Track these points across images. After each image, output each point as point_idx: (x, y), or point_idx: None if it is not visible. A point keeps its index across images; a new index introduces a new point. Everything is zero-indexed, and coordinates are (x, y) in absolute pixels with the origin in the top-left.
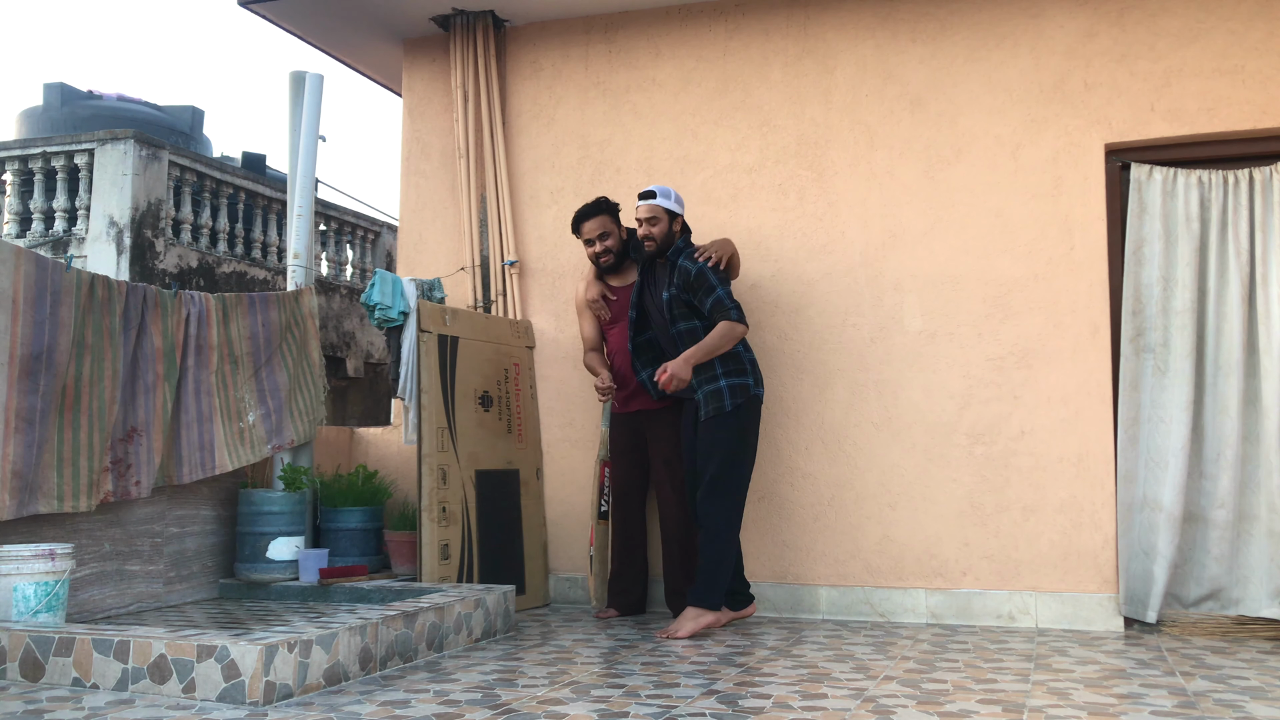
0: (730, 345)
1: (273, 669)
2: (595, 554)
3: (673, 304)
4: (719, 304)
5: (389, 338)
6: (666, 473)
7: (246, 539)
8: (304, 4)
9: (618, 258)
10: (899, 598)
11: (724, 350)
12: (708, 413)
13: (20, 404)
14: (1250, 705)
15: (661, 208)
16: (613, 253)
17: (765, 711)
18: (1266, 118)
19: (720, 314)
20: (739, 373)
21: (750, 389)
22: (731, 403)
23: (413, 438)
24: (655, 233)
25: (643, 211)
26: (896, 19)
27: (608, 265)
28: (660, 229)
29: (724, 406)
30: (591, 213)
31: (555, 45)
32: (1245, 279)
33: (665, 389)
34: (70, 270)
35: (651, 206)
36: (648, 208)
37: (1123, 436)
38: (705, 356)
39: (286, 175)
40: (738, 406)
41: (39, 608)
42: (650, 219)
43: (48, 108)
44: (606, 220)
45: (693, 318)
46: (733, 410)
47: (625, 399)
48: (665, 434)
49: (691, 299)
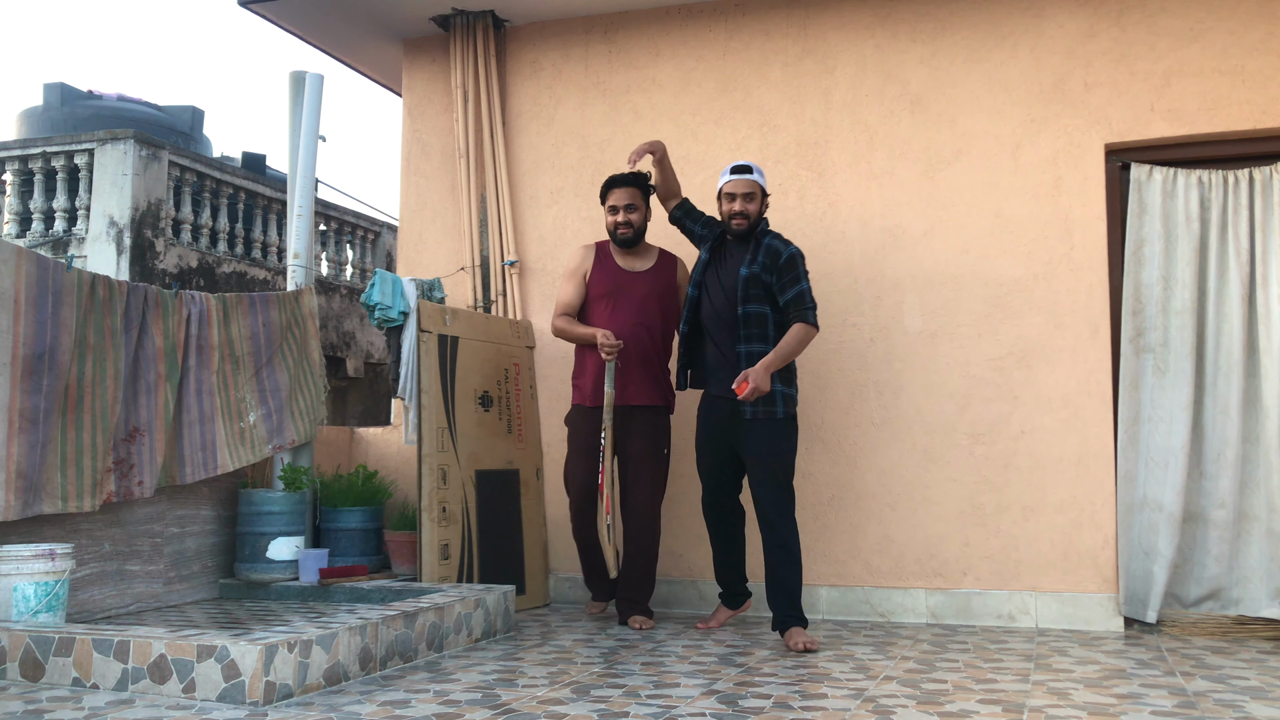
0: (802, 351)
1: (273, 669)
2: (613, 522)
3: (750, 282)
4: (801, 298)
5: (389, 338)
6: (642, 473)
7: (246, 539)
8: (304, 4)
9: (636, 235)
10: (899, 598)
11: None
12: (755, 413)
13: (24, 404)
14: (1250, 705)
15: (759, 184)
16: (634, 227)
17: (765, 711)
18: (1266, 118)
19: (799, 311)
20: (792, 382)
21: (795, 401)
22: (784, 411)
23: (413, 438)
24: (752, 210)
25: (741, 186)
26: (896, 19)
27: (625, 239)
28: (756, 206)
29: (776, 411)
30: (629, 181)
31: (555, 45)
32: (1245, 279)
33: (745, 399)
34: (71, 270)
35: (751, 182)
36: (747, 183)
37: (1123, 436)
38: (782, 364)
39: (286, 175)
40: (789, 416)
41: (39, 608)
42: (748, 194)
43: (48, 108)
44: (639, 194)
45: (764, 301)
46: (784, 419)
47: (597, 390)
48: (646, 431)
49: (772, 282)
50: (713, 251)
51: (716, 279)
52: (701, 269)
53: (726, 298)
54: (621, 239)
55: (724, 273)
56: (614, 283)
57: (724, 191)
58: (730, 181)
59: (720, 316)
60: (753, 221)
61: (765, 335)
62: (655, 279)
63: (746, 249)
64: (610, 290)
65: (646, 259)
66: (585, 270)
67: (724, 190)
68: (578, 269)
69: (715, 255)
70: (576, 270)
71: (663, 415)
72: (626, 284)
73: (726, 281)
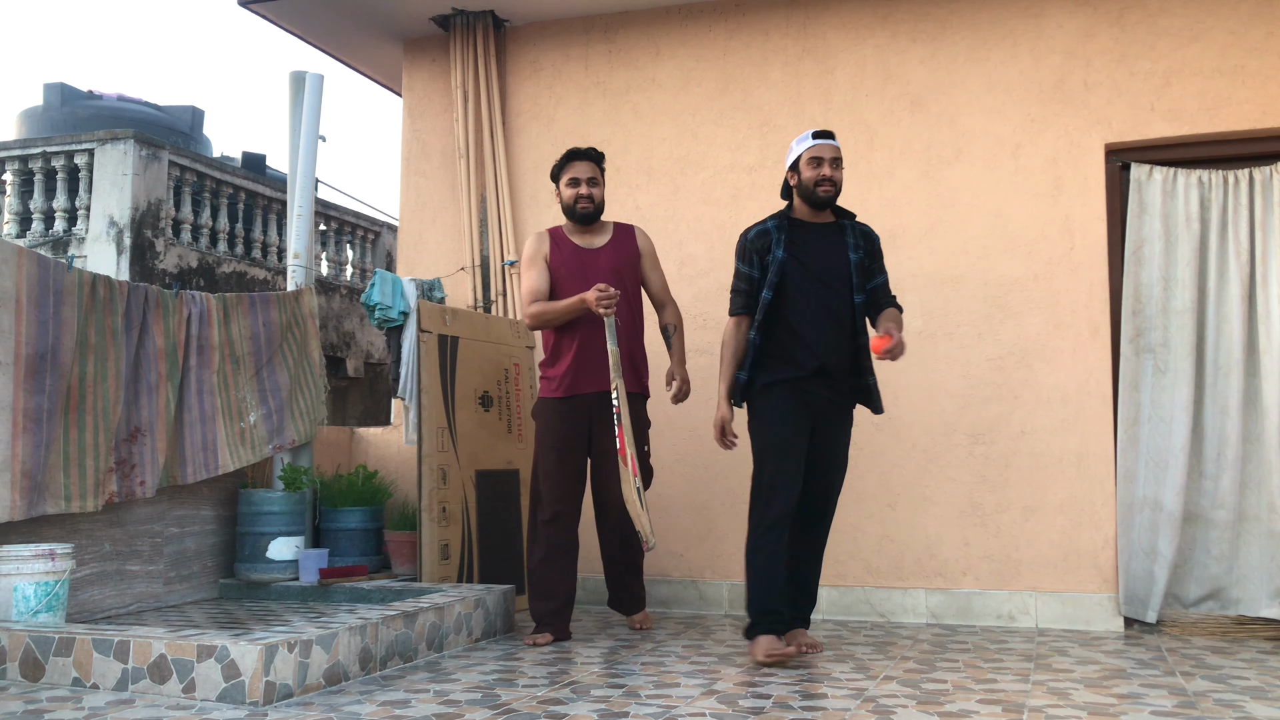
0: None
1: (273, 669)
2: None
3: (859, 268)
4: (887, 285)
5: (389, 338)
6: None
7: (246, 539)
8: (304, 4)
9: (597, 210)
10: (899, 598)
11: None
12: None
13: (27, 404)
14: (1250, 705)
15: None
16: (594, 202)
17: (765, 711)
18: (1266, 118)
19: (890, 297)
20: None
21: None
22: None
23: (413, 438)
24: (839, 177)
25: (829, 150)
26: (896, 19)
27: (586, 213)
28: (842, 175)
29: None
30: (589, 155)
31: (555, 45)
32: (1245, 279)
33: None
34: (72, 270)
35: (837, 148)
36: (835, 148)
37: (1123, 436)
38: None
39: (286, 175)
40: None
41: (39, 608)
42: (836, 160)
43: (48, 108)
44: (598, 169)
45: (863, 291)
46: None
47: (574, 380)
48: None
49: (868, 266)
50: (789, 245)
51: (821, 262)
52: (781, 266)
53: (832, 288)
54: (582, 214)
55: (816, 260)
56: (577, 262)
57: (809, 156)
58: (816, 145)
59: (826, 309)
60: (839, 189)
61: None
62: (617, 252)
63: (831, 233)
64: (574, 270)
65: (603, 234)
66: (545, 254)
67: (808, 155)
68: (536, 254)
69: (792, 247)
70: (535, 255)
71: (641, 403)
72: (589, 261)
73: (825, 270)
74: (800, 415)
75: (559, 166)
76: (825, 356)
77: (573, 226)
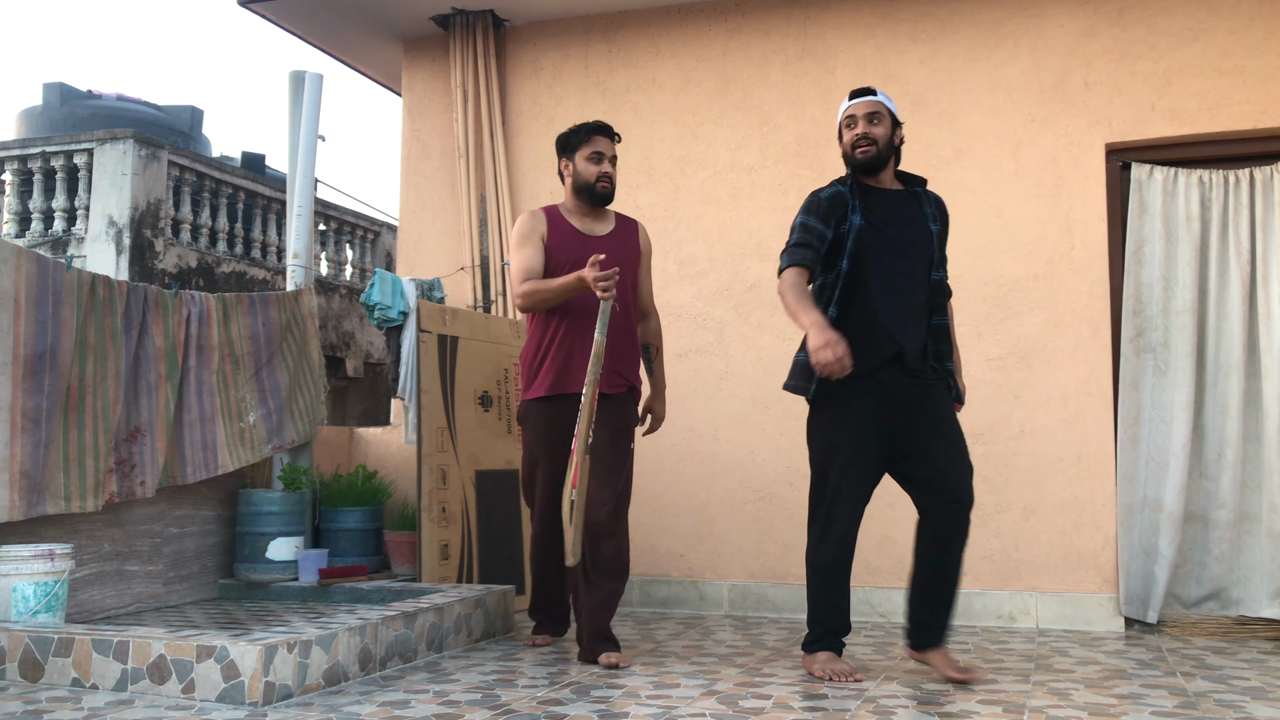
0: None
1: (272, 669)
2: (577, 498)
3: (939, 241)
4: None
5: (389, 338)
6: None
7: (246, 539)
8: (304, 4)
9: (613, 191)
10: (899, 598)
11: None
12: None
13: (26, 404)
14: (1251, 706)
15: (885, 106)
16: (613, 183)
17: (765, 712)
18: (1267, 117)
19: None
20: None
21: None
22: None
23: (413, 438)
24: (878, 133)
25: (862, 107)
26: (896, 19)
27: (605, 194)
28: (883, 131)
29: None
30: (612, 132)
31: (555, 45)
32: (1246, 279)
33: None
34: (71, 270)
35: (873, 101)
36: (869, 103)
37: (1123, 436)
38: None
39: (286, 175)
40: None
41: (38, 608)
42: (871, 114)
43: (47, 107)
44: (615, 148)
45: (941, 268)
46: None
47: (558, 377)
48: (613, 422)
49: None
50: (865, 212)
51: (882, 237)
52: (859, 234)
53: (912, 261)
54: (602, 193)
55: (894, 230)
56: (579, 249)
57: (844, 120)
58: (849, 107)
59: (904, 285)
60: (882, 148)
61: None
62: (620, 244)
63: (906, 201)
64: (574, 255)
65: (606, 221)
66: (541, 233)
67: (843, 120)
68: (531, 232)
69: (867, 213)
70: (531, 234)
71: (631, 404)
72: (592, 250)
73: (905, 241)
74: (876, 413)
75: (578, 138)
76: (903, 339)
77: (575, 207)
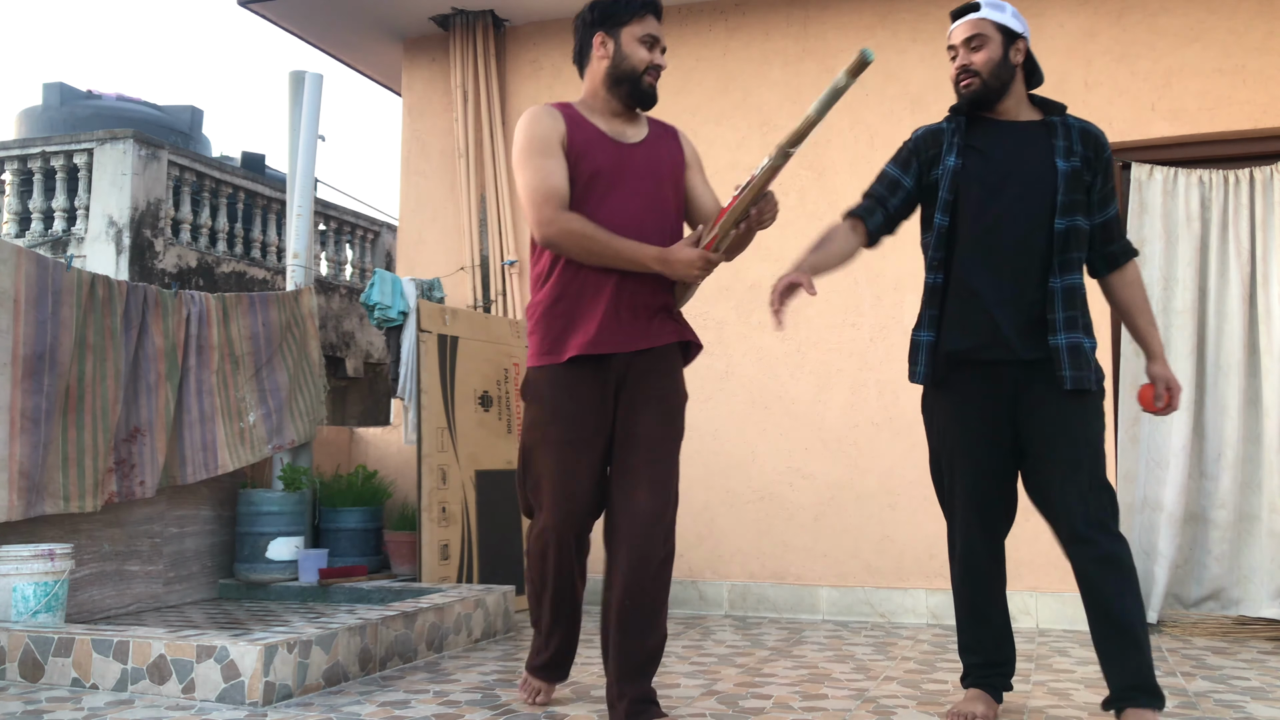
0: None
1: (272, 669)
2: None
3: (1073, 182)
4: (1119, 223)
5: (389, 338)
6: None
7: (246, 539)
8: (304, 4)
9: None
10: (899, 598)
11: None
12: (1074, 380)
13: (25, 404)
14: (1251, 706)
15: (990, 22)
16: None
17: (765, 712)
18: (1267, 117)
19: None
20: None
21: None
22: (1098, 379)
23: (412, 438)
24: (980, 61)
25: (959, 33)
26: (896, 19)
27: (651, 90)
28: (988, 56)
29: (1089, 380)
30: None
31: (555, 45)
32: (1246, 279)
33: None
34: (71, 270)
35: (973, 22)
36: (967, 24)
37: (1123, 436)
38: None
39: (286, 175)
40: (1101, 391)
41: (38, 608)
42: (971, 39)
43: (47, 107)
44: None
45: (1078, 213)
46: (1098, 391)
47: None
48: (662, 392)
49: (1093, 185)
50: (964, 151)
51: (981, 182)
52: (953, 178)
53: (1024, 204)
54: (648, 89)
55: (1003, 167)
56: (613, 157)
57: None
58: (950, 34)
59: (1008, 239)
60: (987, 77)
61: (1081, 264)
62: (657, 151)
63: (1032, 133)
64: (608, 167)
65: (639, 126)
66: (561, 136)
67: (948, 51)
68: (550, 134)
69: (969, 152)
70: (550, 136)
71: (681, 367)
72: (627, 159)
73: (1014, 180)
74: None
75: (629, 11)
76: (998, 310)
77: (602, 105)
